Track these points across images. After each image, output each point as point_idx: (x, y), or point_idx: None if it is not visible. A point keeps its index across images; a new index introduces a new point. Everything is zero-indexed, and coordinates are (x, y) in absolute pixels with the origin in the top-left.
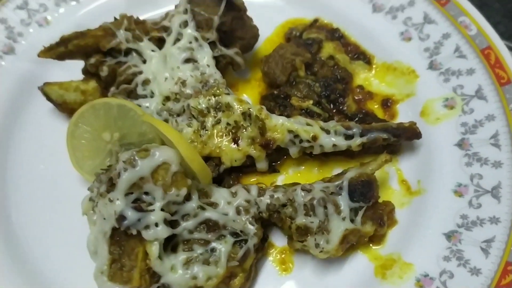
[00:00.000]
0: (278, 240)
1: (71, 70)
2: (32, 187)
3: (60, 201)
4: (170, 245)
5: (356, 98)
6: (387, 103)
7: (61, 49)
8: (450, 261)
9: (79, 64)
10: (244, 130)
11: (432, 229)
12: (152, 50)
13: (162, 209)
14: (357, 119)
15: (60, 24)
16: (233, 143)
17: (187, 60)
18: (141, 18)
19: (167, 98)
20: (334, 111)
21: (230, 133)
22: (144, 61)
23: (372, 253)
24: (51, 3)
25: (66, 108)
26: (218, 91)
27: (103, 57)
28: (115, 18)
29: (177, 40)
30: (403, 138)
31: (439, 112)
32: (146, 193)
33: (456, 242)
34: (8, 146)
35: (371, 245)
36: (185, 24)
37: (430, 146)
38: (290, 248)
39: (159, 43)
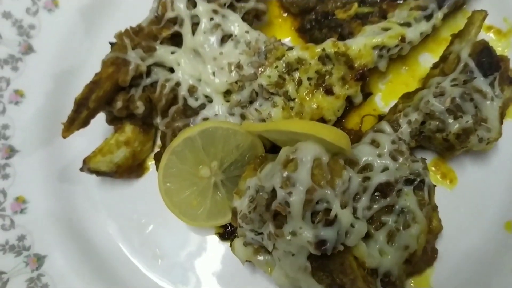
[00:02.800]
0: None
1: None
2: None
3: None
4: None
5: None
6: None
7: (84, 114)
8: None
9: None
10: (330, 75)
11: None
12: (172, 52)
13: (341, 206)
14: None
15: None
16: (327, 94)
17: (223, 40)
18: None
19: (227, 93)
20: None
21: (319, 86)
22: (171, 69)
23: None
24: None
25: (122, 172)
26: (278, 52)
27: (126, 94)
28: (111, 44)
29: (195, 25)
30: None
31: None
32: (317, 202)
33: None
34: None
35: None
36: (192, 3)
37: None
38: (445, 159)
39: (173, 41)
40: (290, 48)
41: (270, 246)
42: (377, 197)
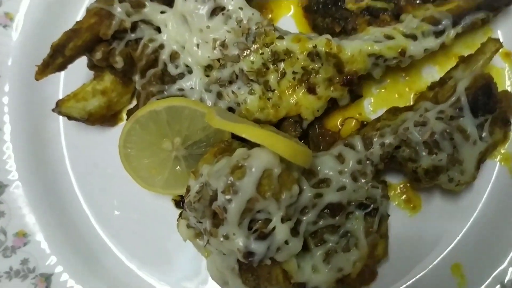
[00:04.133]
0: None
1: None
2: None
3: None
4: None
5: None
6: None
7: (59, 60)
8: None
9: None
10: (317, 73)
11: None
12: (162, 12)
13: (282, 220)
14: None
15: None
16: (309, 92)
17: (214, 12)
18: None
19: (208, 67)
20: None
21: (302, 83)
22: (158, 29)
23: (500, 155)
24: None
25: (94, 120)
26: (267, 38)
27: (108, 45)
28: None
29: None
30: (503, 7)
31: None
32: (258, 211)
33: None
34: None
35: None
36: None
37: None
38: (413, 188)
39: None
40: (281, 37)
41: (205, 239)
42: (326, 214)
